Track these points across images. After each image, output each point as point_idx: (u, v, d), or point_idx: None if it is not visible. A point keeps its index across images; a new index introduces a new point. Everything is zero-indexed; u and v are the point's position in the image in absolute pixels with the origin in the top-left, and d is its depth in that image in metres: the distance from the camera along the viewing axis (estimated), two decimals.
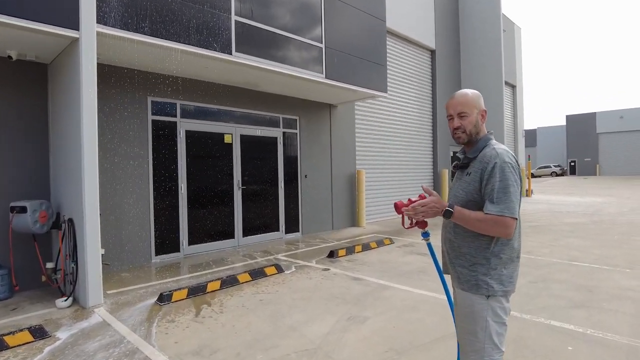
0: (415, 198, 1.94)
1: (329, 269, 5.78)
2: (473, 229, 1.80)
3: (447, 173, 13.03)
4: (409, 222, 2.03)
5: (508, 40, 15.09)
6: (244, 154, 7.67)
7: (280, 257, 6.65)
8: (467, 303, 1.85)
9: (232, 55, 5.77)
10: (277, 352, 3.22)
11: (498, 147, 1.85)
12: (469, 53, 14.29)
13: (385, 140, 11.35)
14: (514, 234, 1.80)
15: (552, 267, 5.69)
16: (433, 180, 13.25)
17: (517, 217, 1.72)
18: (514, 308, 3.59)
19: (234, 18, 5.82)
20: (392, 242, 7.80)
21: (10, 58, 4.79)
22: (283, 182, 8.40)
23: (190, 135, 6.88)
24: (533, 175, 40.18)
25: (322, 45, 7.14)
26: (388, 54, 10.19)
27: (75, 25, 4.19)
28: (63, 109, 4.75)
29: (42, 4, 3.98)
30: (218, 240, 7.25)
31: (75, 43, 4.30)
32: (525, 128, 27.77)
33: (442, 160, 13.35)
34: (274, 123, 8.28)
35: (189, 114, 6.90)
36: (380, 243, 7.55)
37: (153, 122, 6.44)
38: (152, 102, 6.44)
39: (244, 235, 7.65)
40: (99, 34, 4.46)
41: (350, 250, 6.85)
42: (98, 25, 4.41)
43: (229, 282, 5.01)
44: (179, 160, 6.73)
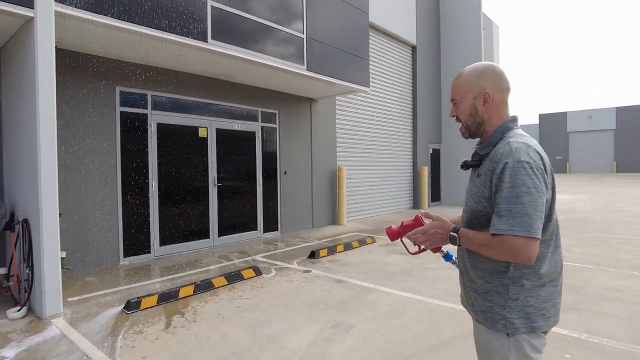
0: (408, 220, 1.60)
1: (310, 271, 5.51)
2: (483, 254, 1.40)
3: (426, 171, 12.95)
4: (416, 247, 1.61)
5: (486, 39, 15.09)
6: (220, 149, 7.29)
7: (259, 258, 6.33)
8: (482, 339, 1.48)
9: (207, 43, 5.39)
10: None
11: (516, 139, 1.38)
12: (449, 50, 14.23)
13: (367, 137, 11.14)
14: (544, 255, 1.38)
15: None
16: (413, 178, 13.15)
17: (535, 235, 1.26)
18: None
19: (210, 3, 5.43)
20: (374, 240, 7.60)
21: None
22: (261, 178, 8.06)
23: (162, 129, 6.46)
24: None
25: (303, 36, 6.83)
26: (370, 49, 9.95)
27: (29, 3, 3.73)
28: (17, 99, 4.28)
29: None
30: (192, 240, 6.86)
31: (30, 23, 3.85)
32: None
33: (421, 158, 13.26)
34: (252, 117, 7.92)
35: (161, 106, 6.47)
36: (363, 242, 7.33)
37: (121, 114, 5.99)
38: (120, 92, 5.99)
39: (220, 235, 7.28)
40: (58, 14, 4.02)
41: (332, 250, 6.60)
42: (57, 4, 3.96)
43: (204, 286, 4.66)
44: (150, 155, 6.30)
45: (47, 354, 3.13)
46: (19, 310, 3.88)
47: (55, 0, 3.95)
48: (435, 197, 14.16)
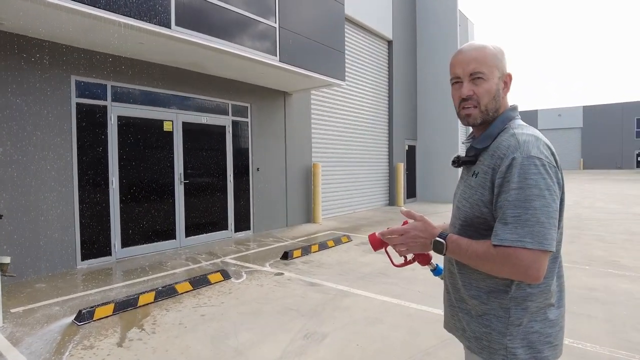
0: (396, 227, 1.33)
1: (283, 273, 5.22)
2: (477, 268, 1.16)
3: (402, 167, 12.84)
4: (402, 258, 1.37)
5: (462, 35, 15.10)
6: (187, 144, 6.87)
7: (228, 259, 5.99)
8: None
9: (171, 30, 4.99)
10: None
11: (522, 131, 1.16)
12: (426, 46, 14.14)
13: (342, 133, 10.89)
14: (551, 270, 1.15)
15: None
16: (389, 175, 13.02)
17: (549, 248, 1.03)
18: None
19: None
20: (349, 239, 7.37)
21: None
22: (232, 175, 7.69)
23: (124, 122, 6.01)
24: None
25: (275, 25, 6.48)
26: (345, 42, 9.69)
27: None
28: None
29: None
30: (156, 242, 6.44)
31: None
32: None
33: (397, 154, 13.14)
34: (222, 110, 7.53)
35: (122, 98, 6.01)
36: (338, 241, 7.09)
37: (78, 105, 5.52)
38: (76, 82, 5.51)
39: (187, 235, 6.88)
40: None
41: (306, 250, 6.33)
42: None
43: (166, 293, 4.30)
44: (110, 151, 5.84)
45: None
46: None
47: None
48: (411, 193, 14.09)
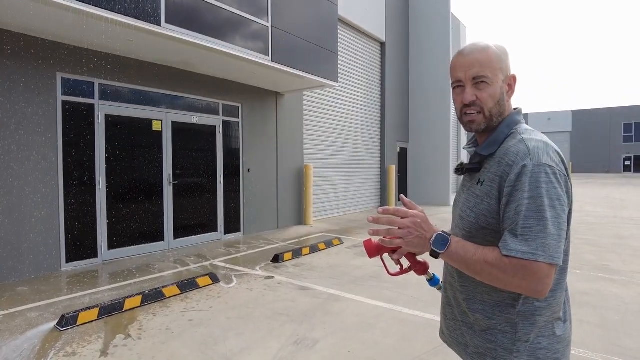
0: (402, 209, 1.27)
1: (273, 277, 5.14)
2: (481, 280, 1.06)
3: (394, 170, 12.82)
4: (398, 267, 1.28)
5: (454, 38, 15.16)
6: (177, 144, 6.75)
7: (218, 262, 5.88)
8: None
9: (161, 27, 4.88)
10: None
11: (531, 136, 1.09)
12: (418, 49, 14.16)
13: (334, 134, 10.84)
14: (559, 283, 1.10)
15: None
16: (380, 177, 12.99)
17: (559, 262, 0.97)
18: None
19: None
20: (341, 242, 7.31)
21: None
22: (223, 176, 7.58)
23: (111, 121, 5.87)
24: None
25: (268, 25, 6.40)
26: (338, 43, 9.63)
27: None
28: None
29: None
30: (144, 243, 6.31)
31: None
32: None
33: (389, 156, 13.13)
34: (213, 110, 7.42)
35: (110, 96, 5.88)
36: (329, 244, 7.02)
37: (64, 103, 5.38)
38: (62, 79, 5.38)
39: (176, 237, 6.76)
40: None
41: (297, 253, 6.25)
42: None
43: (153, 297, 4.19)
44: (97, 150, 5.71)
45: None
46: None
47: None
48: None
